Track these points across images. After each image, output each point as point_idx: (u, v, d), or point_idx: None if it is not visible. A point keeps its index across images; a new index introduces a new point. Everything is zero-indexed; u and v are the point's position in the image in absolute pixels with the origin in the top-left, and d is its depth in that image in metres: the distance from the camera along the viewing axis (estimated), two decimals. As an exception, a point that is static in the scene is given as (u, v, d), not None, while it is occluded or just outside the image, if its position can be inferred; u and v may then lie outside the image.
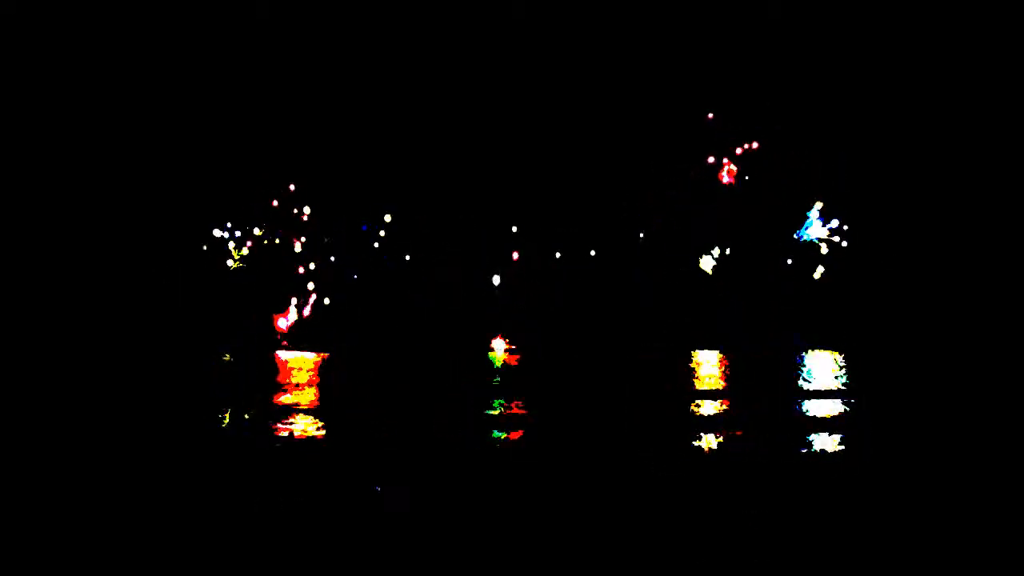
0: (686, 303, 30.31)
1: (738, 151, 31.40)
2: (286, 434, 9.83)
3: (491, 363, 22.82)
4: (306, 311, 30.21)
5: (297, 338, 29.25)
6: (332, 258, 30.64)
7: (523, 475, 7.40)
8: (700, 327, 29.33)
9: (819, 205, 30.57)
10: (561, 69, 30.05)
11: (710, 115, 30.84)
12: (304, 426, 10.68)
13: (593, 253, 30.87)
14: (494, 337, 29.59)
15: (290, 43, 28.98)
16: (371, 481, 6.98)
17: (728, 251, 31.03)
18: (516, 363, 22.83)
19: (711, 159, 31.63)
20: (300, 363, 23.10)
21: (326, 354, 26.08)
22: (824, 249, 30.60)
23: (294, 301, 30.17)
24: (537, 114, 30.50)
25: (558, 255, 31.29)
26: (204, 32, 27.91)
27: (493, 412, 12.18)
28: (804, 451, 8.65)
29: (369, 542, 5.59)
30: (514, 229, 31.46)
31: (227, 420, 10.96)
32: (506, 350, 27.79)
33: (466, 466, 7.54)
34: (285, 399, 13.60)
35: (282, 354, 25.52)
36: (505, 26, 29.19)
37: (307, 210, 30.81)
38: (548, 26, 29.37)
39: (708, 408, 12.51)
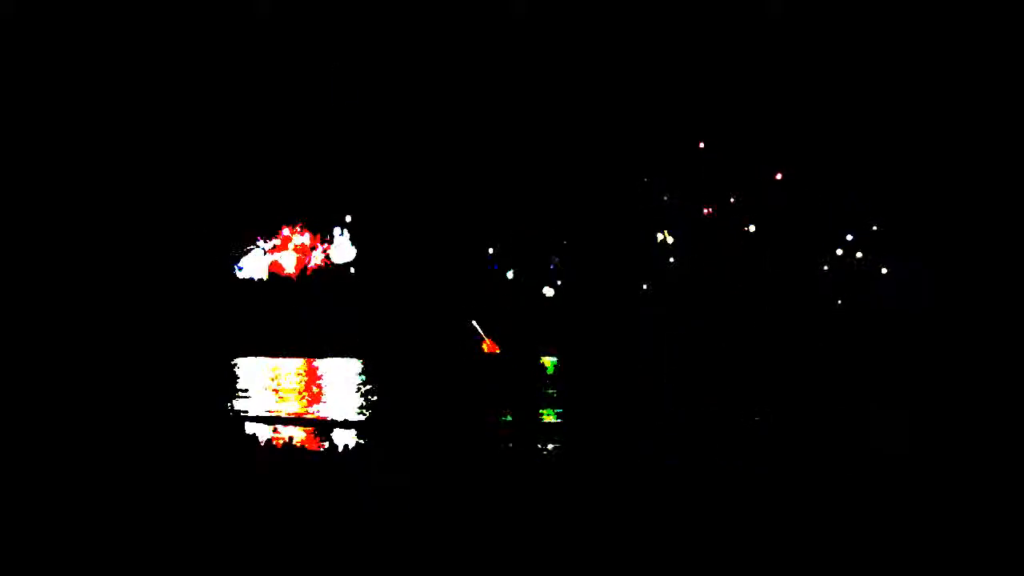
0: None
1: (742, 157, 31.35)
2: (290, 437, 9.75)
3: (487, 366, 22.85)
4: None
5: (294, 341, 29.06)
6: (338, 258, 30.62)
7: (521, 477, 7.33)
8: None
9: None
10: (562, 71, 30.02)
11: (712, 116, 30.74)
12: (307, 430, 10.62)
13: (592, 255, 30.82)
14: (488, 339, 29.47)
15: (291, 43, 28.93)
16: (372, 483, 6.92)
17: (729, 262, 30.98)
18: (503, 365, 22.88)
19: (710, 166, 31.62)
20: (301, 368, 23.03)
21: (322, 357, 26.06)
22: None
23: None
24: (535, 116, 30.49)
25: (555, 259, 31.28)
26: (208, 34, 27.87)
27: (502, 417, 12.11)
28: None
29: (369, 544, 5.52)
30: (515, 233, 31.45)
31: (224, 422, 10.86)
32: (497, 353, 27.75)
33: (474, 471, 7.47)
34: (285, 402, 13.49)
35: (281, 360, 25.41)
36: (508, 29, 29.14)
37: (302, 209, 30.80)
38: (550, 27, 29.33)
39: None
